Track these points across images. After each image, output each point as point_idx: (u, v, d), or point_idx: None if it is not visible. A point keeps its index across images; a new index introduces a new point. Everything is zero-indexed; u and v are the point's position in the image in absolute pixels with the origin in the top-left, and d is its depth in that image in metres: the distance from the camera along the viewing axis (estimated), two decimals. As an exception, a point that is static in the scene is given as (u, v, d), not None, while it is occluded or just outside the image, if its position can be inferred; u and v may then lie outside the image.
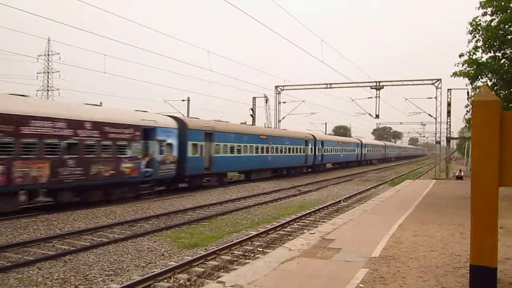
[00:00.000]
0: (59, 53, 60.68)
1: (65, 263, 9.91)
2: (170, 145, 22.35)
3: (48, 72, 61.28)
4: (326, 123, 75.68)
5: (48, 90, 60.65)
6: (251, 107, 44.75)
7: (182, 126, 23.63)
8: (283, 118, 45.48)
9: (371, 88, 39.71)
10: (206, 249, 11.30)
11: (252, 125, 41.92)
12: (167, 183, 24.21)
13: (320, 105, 65.43)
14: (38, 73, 61.02)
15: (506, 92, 17.62)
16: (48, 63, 60.77)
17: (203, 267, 9.58)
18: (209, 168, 26.05)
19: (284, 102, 45.20)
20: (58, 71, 61.20)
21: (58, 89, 60.50)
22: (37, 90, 59.80)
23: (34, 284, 8.48)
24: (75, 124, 17.13)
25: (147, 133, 20.88)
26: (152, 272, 9.01)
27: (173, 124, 23.10)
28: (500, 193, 5.79)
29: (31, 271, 9.21)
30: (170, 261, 10.19)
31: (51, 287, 8.41)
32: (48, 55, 60.24)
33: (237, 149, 29.47)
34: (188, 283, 8.61)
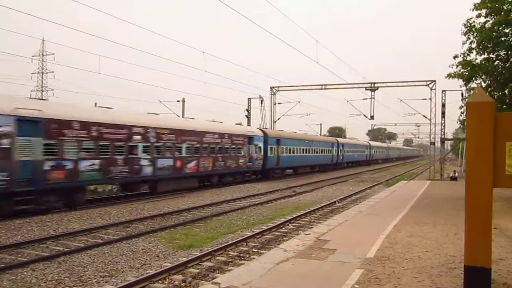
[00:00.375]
0: (53, 54, 60.35)
1: (59, 264, 9.86)
2: (259, 147, 33.26)
3: (42, 73, 60.95)
4: (321, 124, 75.80)
5: (42, 91, 60.33)
6: (246, 107, 44.77)
7: (265, 135, 34.46)
8: (278, 119, 45.59)
9: (366, 89, 39.81)
10: (201, 250, 11.29)
11: (248, 125, 42.21)
12: (256, 173, 34.32)
13: (315, 106, 65.68)
14: (32, 73, 60.61)
15: (500, 93, 17.73)
16: (42, 64, 60.46)
17: (198, 268, 9.56)
18: (277, 164, 36.35)
19: (279, 103, 45.23)
20: (53, 72, 60.86)
21: (53, 89, 60.18)
22: (31, 91, 59.47)
23: (28, 286, 8.43)
24: (221, 135, 28.11)
25: (249, 139, 31.95)
26: (147, 273, 8.98)
27: (260, 133, 34.28)
28: (494, 194, 5.82)
29: (25, 273, 9.15)
30: (165, 262, 10.16)
31: (45, 288, 8.36)
32: (43, 55, 59.91)
33: (292, 151, 39.41)
34: (183, 284, 8.59)
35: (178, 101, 41.83)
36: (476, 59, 17.96)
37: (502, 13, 16.41)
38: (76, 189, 17.94)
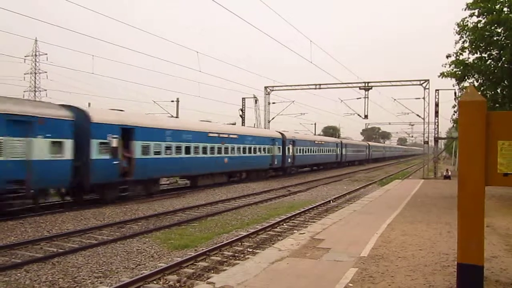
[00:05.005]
0: (46, 54, 60.03)
1: (53, 265, 9.82)
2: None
3: (35, 73, 60.57)
4: (315, 124, 75.87)
5: (35, 91, 59.95)
6: (241, 107, 44.76)
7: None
8: (272, 118, 45.70)
9: (359, 88, 39.95)
10: (196, 250, 11.28)
11: (242, 125, 42.40)
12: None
13: (309, 106, 66.06)
14: (25, 73, 60.28)
15: (492, 92, 17.87)
16: (35, 64, 60.08)
17: (193, 268, 9.57)
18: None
19: (273, 103, 45.26)
20: (46, 72, 60.51)
21: (46, 90, 59.83)
22: (24, 91, 59.09)
23: (21, 287, 8.39)
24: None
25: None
26: (141, 274, 8.96)
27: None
28: (486, 193, 5.87)
29: (18, 274, 9.10)
30: (160, 263, 10.15)
31: (39, 290, 8.32)
32: (35, 55, 59.53)
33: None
34: (178, 284, 8.58)
35: (172, 101, 41.75)
36: (469, 58, 18.10)
37: (494, 12, 16.53)
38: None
